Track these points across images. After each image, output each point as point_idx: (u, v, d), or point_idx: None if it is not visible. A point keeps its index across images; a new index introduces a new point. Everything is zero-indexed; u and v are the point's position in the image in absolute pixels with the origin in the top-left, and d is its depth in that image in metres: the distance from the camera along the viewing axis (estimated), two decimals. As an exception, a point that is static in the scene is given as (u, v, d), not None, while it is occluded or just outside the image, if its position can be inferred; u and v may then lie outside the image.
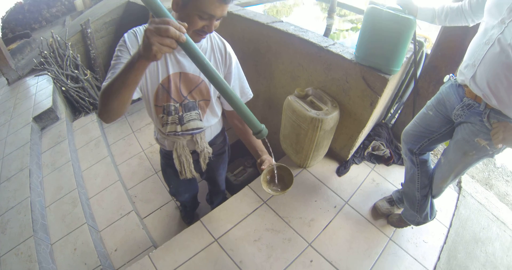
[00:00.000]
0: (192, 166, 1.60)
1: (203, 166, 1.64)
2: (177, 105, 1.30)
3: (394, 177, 2.54)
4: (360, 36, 1.81)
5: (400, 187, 2.28)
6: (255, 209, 2.25)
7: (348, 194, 2.39)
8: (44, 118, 3.36)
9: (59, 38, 3.75)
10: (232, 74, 1.35)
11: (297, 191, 2.35)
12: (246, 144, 1.47)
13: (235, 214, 2.21)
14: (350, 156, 2.53)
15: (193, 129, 1.41)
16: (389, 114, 2.89)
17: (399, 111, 2.84)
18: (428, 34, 3.02)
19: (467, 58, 1.46)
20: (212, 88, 1.33)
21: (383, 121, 2.87)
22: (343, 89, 2.17)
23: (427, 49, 2.32)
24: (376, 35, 1.71)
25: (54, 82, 3.60)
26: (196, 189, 2.21)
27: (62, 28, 4.86)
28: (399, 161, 2.67)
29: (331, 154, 2.65)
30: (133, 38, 1.12)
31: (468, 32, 1.99)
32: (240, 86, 1.42)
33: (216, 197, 2.39)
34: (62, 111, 3.51)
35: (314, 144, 2.15)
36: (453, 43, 2.14)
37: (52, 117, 3.40)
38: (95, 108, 3.67)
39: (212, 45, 1.27)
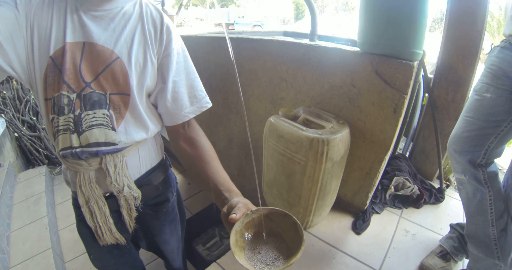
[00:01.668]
0: (111, 221, 0.91)
1: (129, 223, 0.96)
2: (73, 96, 0.75)
3: (432, 222, 1.70)
4: (363, 13, 1.24)
5: (447, 232, 1.55)
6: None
7: (378, 259, 1.45)
8: (-17, 164, 2.65)
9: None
10: (172, 58, 0.82)
11: (299, 267, 1.38)
12: (202, 179, 0.85)
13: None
14: (368, 203, 1.57)
15: (98, 144, 0.79)
16: (398, 151, 2.04)
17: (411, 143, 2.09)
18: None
19: None
20: (134, 74, 0.77)
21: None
22: (349, 99, 1.34)
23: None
24: (385, 7, 1.18)
25: (7, 125, 2.99)
26: (136, 264, 1.26)
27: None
28: (431, 199, 1.81)
29: (340, 205, 1.72)
30: None
31: (478, 11, 1.50)
32: (188, 84, 0.87)
33: None
34: (8, 158, 2.80)
35: (317, 187, 1.22)
36: (465, 28, 1.58)
37: (-8, 163, 2.69)
38: (51, 163, 3.11)
39: (142, 12, 0.80)
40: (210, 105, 0.90)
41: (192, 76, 0.86)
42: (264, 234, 0.69)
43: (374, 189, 1.51)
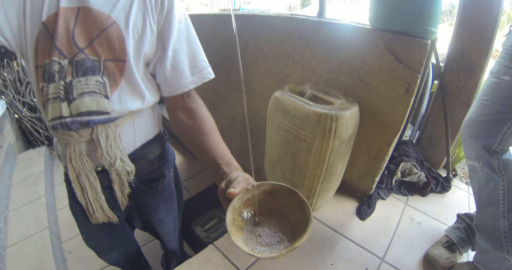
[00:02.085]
0: (103, 197, 0.85)
1: (121, 200, 0.89)
2: (65, 62, 0.68)
3: (437, 211, 1.63)
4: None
5: (453, 222, 1.49)
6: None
7: (382, 246, 1.38)
8: (-19, 144, 2.64)
9: (23, 63, 3.24)
10: (173, 25, 0.75)
11: (300, 252, 1.31)
12: (200, 153, 0.78)
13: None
14: (374, 188, 1.49)
15: (89, 114, 0.73)
16: (405, 137, 1.96)
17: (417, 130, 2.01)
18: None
19: None
20: (131, 40, 0.71)
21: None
22: (359, 76, 1.27)
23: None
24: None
25: (7, 107, 2.97)
26: (131, 245, 1.22)
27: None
28: (437, 188, 1.74)
29: (345, 189, 1.65)
30: None
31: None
32: (189, 54, 0.79)
33: (172, 260, 1.43)
34: (8, 139, 2.77)
35: (324, 167, 1.14)
36: (480, 13, 1.50)
37: (-9, 143, 2.68)
38: (51, 144, 3.04)
39: None
40: (212, 76, 0.83)
41: (194, 45, 0.79)
42: (257, 215, 0.62)
43: (381, 173, 1.44)
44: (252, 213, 0.62)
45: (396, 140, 1.32)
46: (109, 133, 0.77)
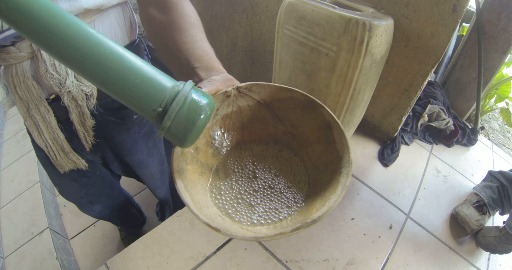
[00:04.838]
0: (62, 136, 0.64)
1: (84, 136, 0.66)
2: None
3: (463, 165, 1.43)
4: None
5: (478, 180, 1.34)
6: (223, 245, 0.94)
7: (408, 200, 1.18)
8: (-33, 100, 2.49)
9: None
10: None
11: None
12: (171, 58, 0.48)
13: (175, 256, 0.91)
14: (399, 129, 1.23)
15: None
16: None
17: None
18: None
19: None
20: None
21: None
22: None
23: None
24: None
25: None
26: (115, 195, 1.01)
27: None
28: (464, 139, 1.50)
29: (364, 128, 1.41)
30: None
31: None
32: None
33: (166, 210, 1.26)
34: None
35: (349, 92, 0.89)
36: None
37: (-22, 99, 2.54)
38: None
39: None
40: None
41: None
42: (243, 146, 0.37)
43: (409, 111, 1.15)
44: (234, 141, 0.36)
45: (432, 71, 1.01)
46: None
